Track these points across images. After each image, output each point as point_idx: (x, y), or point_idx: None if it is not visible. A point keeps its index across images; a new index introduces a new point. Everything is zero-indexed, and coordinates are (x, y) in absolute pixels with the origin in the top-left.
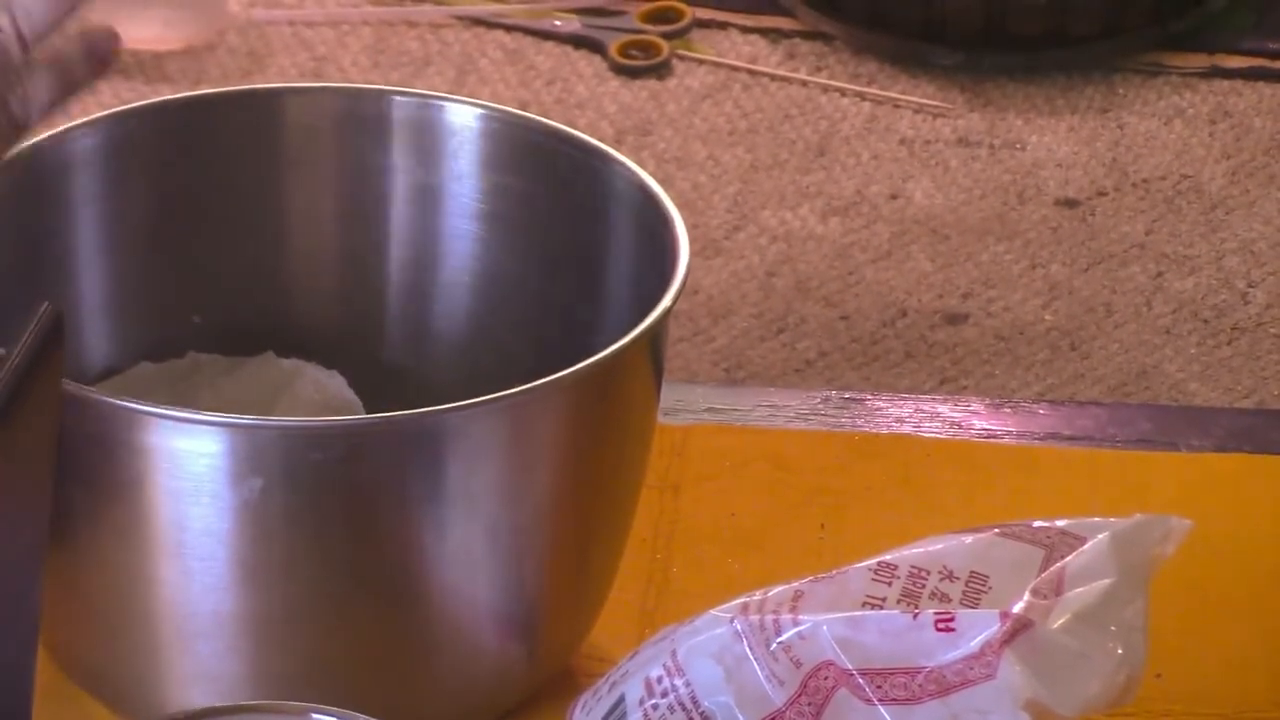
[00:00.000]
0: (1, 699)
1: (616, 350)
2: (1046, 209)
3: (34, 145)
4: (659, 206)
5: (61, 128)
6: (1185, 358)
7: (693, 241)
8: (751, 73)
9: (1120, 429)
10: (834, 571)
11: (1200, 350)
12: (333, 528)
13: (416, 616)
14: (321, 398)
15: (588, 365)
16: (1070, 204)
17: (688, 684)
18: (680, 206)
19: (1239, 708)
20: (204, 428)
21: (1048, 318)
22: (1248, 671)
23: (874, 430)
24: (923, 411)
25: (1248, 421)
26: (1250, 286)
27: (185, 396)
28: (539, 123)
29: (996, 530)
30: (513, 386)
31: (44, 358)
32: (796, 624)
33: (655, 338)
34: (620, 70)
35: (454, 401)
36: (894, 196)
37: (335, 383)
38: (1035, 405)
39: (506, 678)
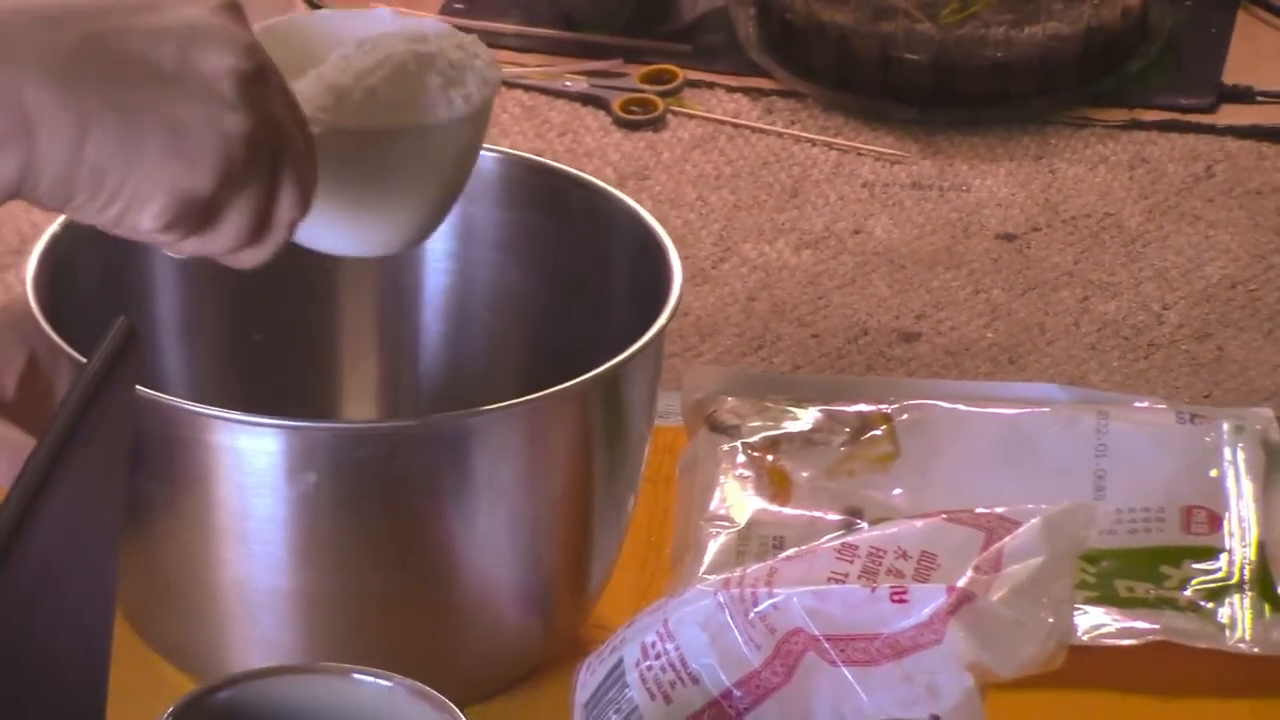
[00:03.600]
0: (84, 659)
1: (620, 361)
2: (988, 242)
3: None
4: (655, 238)
5: None
6: (1108, 370)
7: (684, 271)
8: (735, 126)
9: None
10: (804, 550)
11: (1121, 364)
12: (375, 516)
13: (447, 593)
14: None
15: (595, 375)
16: (1009, 238)
17: (677, 648)
18: (673, 241)
19: None
20: (265, 429)
21: (989, 336)
22: None
23: None
24: None
25: None
26: (1164, 309)
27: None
28: (551, 167)
29: (944, 516)
30: (529, 394)
31: (120, 362)
32: (771, 596)
33: (654, 351)
34: (622, 124)
35: (478, 407)
36: (857, 232)
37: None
38: None
39: (524, 645)
